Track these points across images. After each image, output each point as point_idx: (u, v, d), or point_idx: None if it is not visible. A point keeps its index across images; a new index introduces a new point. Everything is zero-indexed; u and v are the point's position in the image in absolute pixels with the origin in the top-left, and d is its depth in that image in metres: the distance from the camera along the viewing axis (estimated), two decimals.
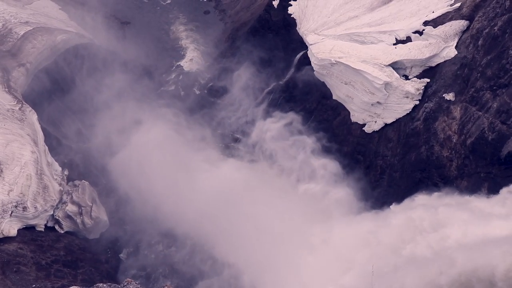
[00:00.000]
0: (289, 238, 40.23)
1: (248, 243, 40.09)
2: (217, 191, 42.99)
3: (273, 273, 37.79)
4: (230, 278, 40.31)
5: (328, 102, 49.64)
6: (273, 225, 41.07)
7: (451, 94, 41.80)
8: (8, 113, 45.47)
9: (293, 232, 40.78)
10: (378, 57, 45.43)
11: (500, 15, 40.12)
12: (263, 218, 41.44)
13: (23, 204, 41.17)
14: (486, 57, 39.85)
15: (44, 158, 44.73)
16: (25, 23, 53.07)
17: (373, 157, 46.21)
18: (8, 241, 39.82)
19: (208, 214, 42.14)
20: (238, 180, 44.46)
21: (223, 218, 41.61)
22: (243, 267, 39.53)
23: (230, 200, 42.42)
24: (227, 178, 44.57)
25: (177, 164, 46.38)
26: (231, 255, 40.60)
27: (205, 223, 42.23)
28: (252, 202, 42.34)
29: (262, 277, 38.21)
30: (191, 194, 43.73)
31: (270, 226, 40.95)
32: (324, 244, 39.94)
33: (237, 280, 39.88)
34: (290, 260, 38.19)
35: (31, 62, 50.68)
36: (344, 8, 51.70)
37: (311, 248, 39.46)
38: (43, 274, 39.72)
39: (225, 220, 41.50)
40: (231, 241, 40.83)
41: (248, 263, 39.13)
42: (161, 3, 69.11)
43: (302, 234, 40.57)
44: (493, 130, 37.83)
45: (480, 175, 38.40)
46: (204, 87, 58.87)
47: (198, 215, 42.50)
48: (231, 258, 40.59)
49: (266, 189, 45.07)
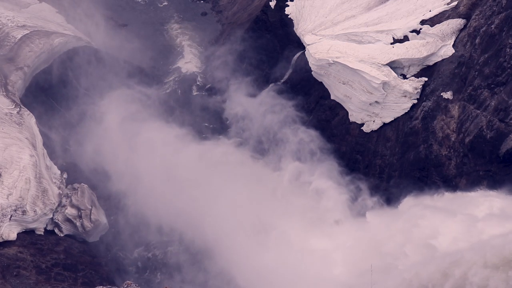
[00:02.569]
0: (289, 240, 40.22)
1: (248, 247, 40.03)
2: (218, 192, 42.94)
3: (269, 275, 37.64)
4: (228, 280, 40.25)
5: (326, 102, 49.68)
6: (268, 224, 41.07)
7: (449, 93, 41.87)
8: (6, 117, 45.42)
9: (292, 234, 40.76)
10: (375, 56, 45.49)
11: (496, 13, 40.22)
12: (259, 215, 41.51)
13: (23, 208, 41.11)
14: (483, 55, 39.93)
15: (43, 161, 44.68)
16: (22, 26, 53.01)
17: (371, 157, 46.25)
18: (8, 245, 39.76)
19: (209, 216, 42.12)
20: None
21: (224, 220, 41.58)
22: (240, 272, 39.39)
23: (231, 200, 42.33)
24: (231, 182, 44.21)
25: (177, 166, 46.34)
26: (230, 258, 40.52)
27: (206, 225, 42.20)
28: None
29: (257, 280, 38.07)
30: (192, 195, 43.73)
31: (264, 225, 40.99)
32: (323, 245, 39.93)
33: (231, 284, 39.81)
34: (289, 264, 38.05)
35: (28, 65, 50.64)
36: (341, 8, 51.77)
37: (310, 250, 39.40)
38: (43, 278, 39.66)
39: (226, 222, 41.48)
40: (230, 243, 40.79)
41: (245, 268, 38.98)
42: (158, 5, 69.09)
43: (302, 236, 40.54)
44: (492, 128, 37.90)
45: (479, 173, 38.47)
46: (202, 89, 58.88)
47: (199, 215, 42.48)
48: (229, 261, 40.50)
49: (260, 186, 44.98)
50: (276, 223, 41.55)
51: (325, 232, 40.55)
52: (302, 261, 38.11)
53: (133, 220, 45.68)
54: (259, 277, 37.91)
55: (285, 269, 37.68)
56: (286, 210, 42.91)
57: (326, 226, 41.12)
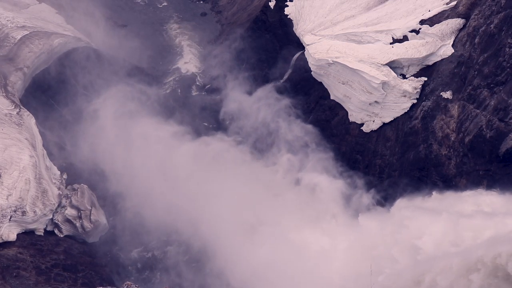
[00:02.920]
0: (288, 238, 40.20)
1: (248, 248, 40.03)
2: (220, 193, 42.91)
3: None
4: (226, 279, 40.21)
5: (326, 102, 49.69)
6: (266, 220, 41.09)
7: (449, 93, 41.88)
8: (6, 118, 45.42)
9: (290, 232, 40.75)
10: (375, 56, 45.50)
11: (496, 13, 40.23)
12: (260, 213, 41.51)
13: (22, 209, 41.10)
14: (483, 55, 39.94)
15: (43, 162, 44.67)
16: (21, 27, 53.00)
17: (371, 157, 46.25)
18: (8, 246, 39.75)
19: (208, 214, 42.09)
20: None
21: (222, 218, 41.58)
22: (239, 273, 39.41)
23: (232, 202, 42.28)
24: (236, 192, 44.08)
25: (177, 167, 46.32)
26: (228, 257, 40.52)
27: (204, 225, 42.20)
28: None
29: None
30: (192, 195, 43.70)
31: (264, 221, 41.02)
32: (322, 246, 39.92)
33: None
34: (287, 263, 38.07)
35: (28, 66, 50.63)
36: (340, 8, 51.78)
37: (308, 249, 39.38)
38: (43, 279, 39.65)
39: (224, 220, 41.49)
40: (228, 241, 40.78)
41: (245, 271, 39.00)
42: (157, 6, 69.10)
43: (298, 235, 40.51)
44: (491, 128, 37.89)
45: (479, 173, 38.47)
46: (202, 89, 58.89)
47: (197, 214, 42.46)
48: (227, 260, 40.50)
49: (260, 184, 44.97)
50: (273, 220, 41.52)
51: (323, 230, 40.56)
52: (299, 259, 38.12)
53: (132, 220, 45.65)
54: (256, 275, 37.94)
55: (282, 267, 37.72)
56: (283, 206, 42.88)
57: (323, 223, 41.13)
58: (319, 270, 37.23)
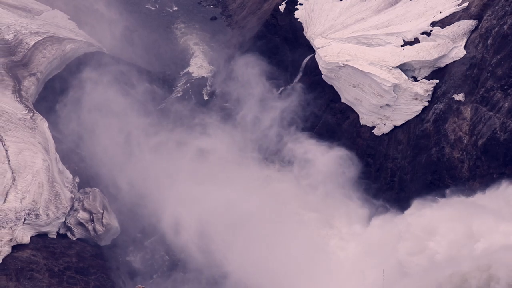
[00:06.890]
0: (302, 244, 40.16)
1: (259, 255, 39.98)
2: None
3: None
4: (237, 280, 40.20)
5: (336, 105, 49.55)
6: (279, 229, 41.03)
7: (461, 95, 41.50)
8: (20, 122, 46.09)
9: (306, 237, 40.68)
10: (386, 59, 45.31)
11: (509, 13, 39.83)
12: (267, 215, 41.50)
13: (36, 212, 41.58)
14: (496, 57, 39.53)
15: (56, 166, 45.20)
16: (35, 33, 53.86)
17: (383, 160, 45.95)
18: (22, 248, 40.24)
19: (217, 224, 42.16)
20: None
21: (234, 229, 41.63)
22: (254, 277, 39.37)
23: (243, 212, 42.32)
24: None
25: (191, 175, 46.53)
26: (242, 265, 40.46)
27: (213, 230, 42.25)
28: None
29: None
30: (202, 201, 43.80)
31: (277, 228, 40.97)
32: (338, 250, 39.80)
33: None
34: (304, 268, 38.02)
35: (41, 71, 51.40)
36: (350, 11, 51.70)
37: (325, 254, 39.28)
38: (56, 281, 40.04)
39: (237, 230, 41.49)
40: (243, 251, 40.77)
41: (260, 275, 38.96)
42: (168, 10, 69.64)
43: (314, 240, 40.42)
44: (505, 130, 37.45)
45: (493, 176, 38.00)
46: (213, 93, 59.10)
47: (205, 221, 42.54)
48: (241, 268, 40.44)
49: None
50: (291, 219, 41.55)
51: (335, 233, 40.40)
52: (312, 259, 38.07)
53: (144, 224, 45.88)
54: (267, 275, 37.92)
55: (296, 268, 37.68)
56: (299, 208, 42.88)
57: (336, 226, 41.02)
58: (330, 273, 37.07)
